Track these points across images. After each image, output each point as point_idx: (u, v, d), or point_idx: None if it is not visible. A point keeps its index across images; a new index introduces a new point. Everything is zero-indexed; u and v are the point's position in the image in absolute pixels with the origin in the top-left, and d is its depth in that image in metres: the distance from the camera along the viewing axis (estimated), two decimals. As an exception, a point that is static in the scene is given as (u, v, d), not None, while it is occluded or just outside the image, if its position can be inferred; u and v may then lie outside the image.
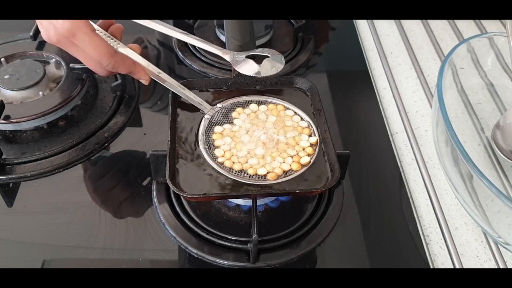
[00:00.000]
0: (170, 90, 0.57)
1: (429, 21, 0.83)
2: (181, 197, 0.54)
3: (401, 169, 0.60)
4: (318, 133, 0.54)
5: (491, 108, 0.66)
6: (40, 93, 0.62)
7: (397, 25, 0.83)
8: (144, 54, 0.58)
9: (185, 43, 0.75)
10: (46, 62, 0.66)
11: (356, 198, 0.57)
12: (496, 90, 0.67)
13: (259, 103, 0.57)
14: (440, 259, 0.52)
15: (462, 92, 0.66)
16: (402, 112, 0.68)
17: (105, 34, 0.56)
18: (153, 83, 0.70)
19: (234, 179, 0.49)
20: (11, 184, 0.55)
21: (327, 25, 0.84)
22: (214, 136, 0.53)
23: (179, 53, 0.73)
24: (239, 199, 0.53)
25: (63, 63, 0.65)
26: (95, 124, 0.61)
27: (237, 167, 0.50)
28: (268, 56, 0.57)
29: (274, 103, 0.57)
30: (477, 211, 0.51)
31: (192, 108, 0.56)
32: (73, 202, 0.54)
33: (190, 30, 0.76)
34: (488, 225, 0.51)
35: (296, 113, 0.56)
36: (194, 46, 0.74)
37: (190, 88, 0.58)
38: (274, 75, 0.57)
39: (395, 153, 0.62)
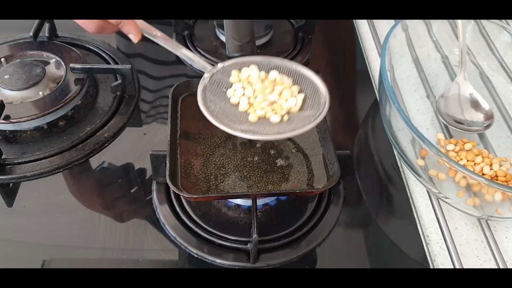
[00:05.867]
0: (170, 89, 0.56)
1: (429, 21, 0.83)
2: (181, 197, 0.54)
3: (401, 169, 0.60)
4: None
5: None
6: (40, 93, 0.62)
7: (397, 25, 0.83)
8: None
9: (185, 43, 0.75)
10: (46, 62, 0.66)
11: (356, 198, 0.57)
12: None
13: (261, 67, 0.54)
14: (440, 259, 0.52)
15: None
16: (402, 112, 0.68)
17: None
18: (152, 83, 0.70)
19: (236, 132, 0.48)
20: (11, 184, 0.55)
21: (327, 25, 0.84)
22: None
23: (179, 53, 0.73)
24: (239, 199, 0.54)
25: (63, 63, 0.65)
26: (95, 124, 0.61)
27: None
28: None
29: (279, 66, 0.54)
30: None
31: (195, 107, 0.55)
32: (73, 202, 0.54)
33: (190, 30, 0.76)
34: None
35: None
36: (194, 46, 0.74)
37: (190, 89, 0.58)
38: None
39: (395, 153, 0.62)
